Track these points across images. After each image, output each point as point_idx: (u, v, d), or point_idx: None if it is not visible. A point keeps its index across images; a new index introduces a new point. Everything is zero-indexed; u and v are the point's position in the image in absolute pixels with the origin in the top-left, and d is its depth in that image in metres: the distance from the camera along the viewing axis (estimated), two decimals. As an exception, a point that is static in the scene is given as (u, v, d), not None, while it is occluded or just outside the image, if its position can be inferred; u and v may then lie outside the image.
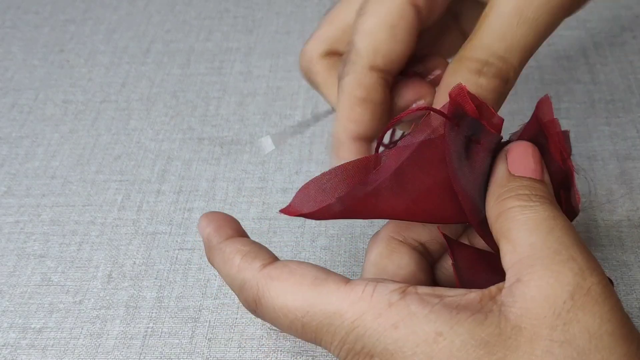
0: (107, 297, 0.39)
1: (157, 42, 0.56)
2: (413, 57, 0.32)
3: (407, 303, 0.24)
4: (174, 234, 0.41)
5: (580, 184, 0.41)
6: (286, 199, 0.43)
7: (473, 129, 0.28)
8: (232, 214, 0.42)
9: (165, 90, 0.52)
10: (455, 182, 0.28)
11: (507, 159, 0.28)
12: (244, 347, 0.36)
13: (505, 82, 0.28)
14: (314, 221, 0.41)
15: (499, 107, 0.29)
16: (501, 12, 0.28)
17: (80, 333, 0.37)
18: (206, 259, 0.40)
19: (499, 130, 0.28)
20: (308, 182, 0.29)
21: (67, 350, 0.36)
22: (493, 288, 0.24)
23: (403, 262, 0.29)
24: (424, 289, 0.25)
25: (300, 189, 0.29)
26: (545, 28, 0.28)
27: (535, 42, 0.28)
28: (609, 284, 0.24)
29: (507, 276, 0.24)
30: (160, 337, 0.36)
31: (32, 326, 0.38)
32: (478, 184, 0.28)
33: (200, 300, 0.38)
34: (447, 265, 0.31)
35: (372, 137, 0.31)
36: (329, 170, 0.29)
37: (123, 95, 0.52)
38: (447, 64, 0.30)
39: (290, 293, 0.25)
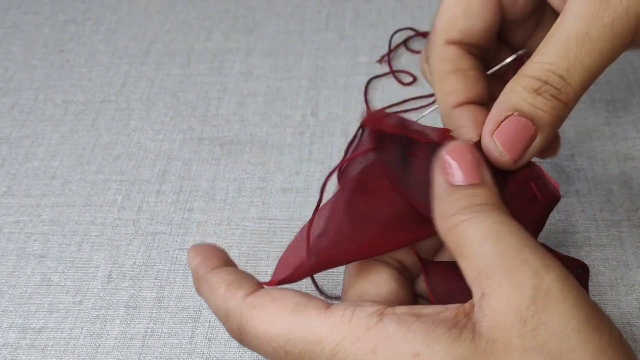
0: (107, 297, 0.39)
1: (157, 42, 0.56)
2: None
3: (385, 325, 0.24)
4: (174, 234, 0.41)
5: (579, 183, 0.41)
6: (286, 199, 0.43)
7: (405, 145, 0.29)
8: (232, 214, 0.42)
9: (166, 90, 0.52)
10: (407, 195, 0.28)
11: (442, 167, 0.27)
12: (244, 347, 0.36)
13: (565, 104, 0.27)
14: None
15: (555, 130, 0.28)
16: (566, 30, 0.27)
17: (80, 333, 0.37)
18: (206, 259, 0.40)
19: (430, 138, 0.29)
20: (282, 254, 0.30)
21: (67, 350, 0.36)
22: (467, 305, 0.24)
23: (382, 280, 0.29)
24: (401, 309, 0.25)
25: (278, 262, 0.30)
26: (610, 50, 0.27)
27: (598, 65, 0.27)
28: (567, 277, 0.23)
29: (473, 292, 0.24)
30: (160, 337, 0.36)
31: (32, 326, 0.38)
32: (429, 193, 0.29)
33: (200, 300, 0.38)
34: None
35: (478, 100, 0.32)
36: (295, 238, 0.30)
37: (123, 95, 0.52)
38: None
39: (272, 321, 0.25)
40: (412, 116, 0.39)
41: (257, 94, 0.50)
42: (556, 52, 0.27)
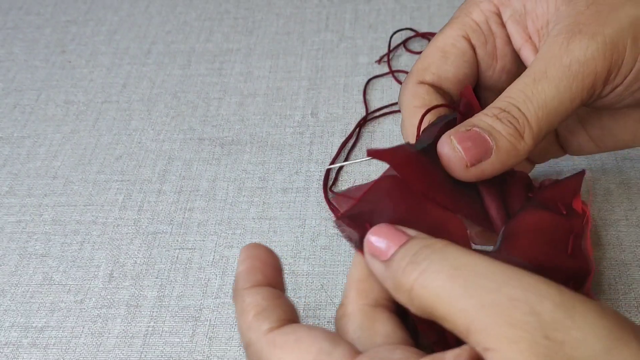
0: (109, 296, 0.39)
1: (158, 43, 0.56)
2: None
3: None
4: (175, 233, 0.42)
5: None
6: (286, 199, 0.43)
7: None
8: (232, 213, 0.42)
9: (166, 90, 0.52)
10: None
11: (370, 253, 0.25)
12: None
13: (520, 135, 0.29)
14: (314, 220, 0.41)
15: (512, 160, 0.29)
16: (529, 70, 0.30)
17: (82, 332, 0.37)
18: (206, 259, 0.40)
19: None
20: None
21: (68, 349, 0.37)
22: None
23: (388, 329, 0.26)
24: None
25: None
26: (567, 88, 0.29)
27: (554, 101, 0.29)
28: (563, 296, 0.21)
29: (474, 347, 0.22)
30: (161, 336, 0.37)
31: (34, 325, 0.38)
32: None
33: (201, 300, 0.38)
34: None
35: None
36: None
37: (124, 95, 0.52)
38: None
39: None
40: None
41: (257, 95, 0.51)
42: (517, 88, 0.29)
